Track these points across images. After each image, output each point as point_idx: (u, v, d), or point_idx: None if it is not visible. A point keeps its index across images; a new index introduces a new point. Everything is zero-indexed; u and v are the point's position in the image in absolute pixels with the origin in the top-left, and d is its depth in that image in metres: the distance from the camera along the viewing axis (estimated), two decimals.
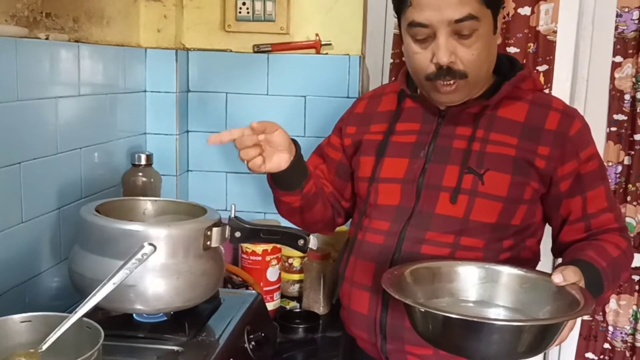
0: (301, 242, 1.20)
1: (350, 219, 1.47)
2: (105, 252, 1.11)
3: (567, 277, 1.08)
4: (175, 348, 1.13)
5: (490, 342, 0.96)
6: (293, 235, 1.21)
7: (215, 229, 1.17)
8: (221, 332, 1.21)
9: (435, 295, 1.15)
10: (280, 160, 1.25)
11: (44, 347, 0.92)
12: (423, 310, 0.99)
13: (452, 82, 1.23)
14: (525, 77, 1.30)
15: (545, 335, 0.99)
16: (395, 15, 1.31)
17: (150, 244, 1.06)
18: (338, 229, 1.82)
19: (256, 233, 1.21)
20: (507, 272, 1.16)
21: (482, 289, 1.17)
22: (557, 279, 1.08)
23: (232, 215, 1.21)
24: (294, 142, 1.29)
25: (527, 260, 1.32)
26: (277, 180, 1.32)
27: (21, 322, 0.98)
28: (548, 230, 1.36)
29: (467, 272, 1.17)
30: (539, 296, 1.12)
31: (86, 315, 0.98)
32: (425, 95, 1.32)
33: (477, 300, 1.16)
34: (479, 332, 0.95)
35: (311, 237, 1.20)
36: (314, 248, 1.21)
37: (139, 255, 1.04)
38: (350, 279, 1.36)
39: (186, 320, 1.18)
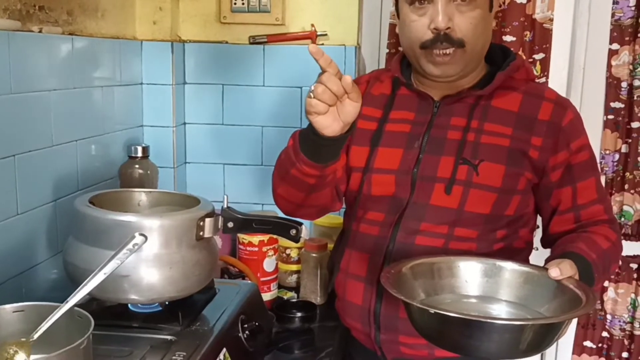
0: (293, 231, 1.20)
1: (344, 210, 1.45)
2: (98, 243, 1.12)
3: (564, 271, 1.08)
4: (169, 337, 1.14)
5: (491, 340, 0.95)
6: (285, 225, 1.21)
7: (207, 220, 1.18)
8: (215, 321, 1.21)
9: (436, 291, 1.14)
10: (336, 127, 1.14)
11: (35, 336, 0.92)
12: (430, 310, 0.96)
13: (448, 51, 1.22)
14: (519, 66, 1.30)
15: (547, 334, 0.98)
16: None
17: (142, 234, 1.06)
18: (334, 219, 1.83)
19: (249, 223, 1.22)
20: (508, 267, 1.15)
21: (484, 285, 1.16)
22: (554, 272, 1.08)
23: (225, 206, 1.22)
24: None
25: (520, 249, 1.33)
26: (308, 145, 1.20)
27: (13, 312, 0.99)
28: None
29: (468, 267, 1.16)
30: (539, 291, 1.11)
31: (82, 306, 0.98)
32: (419, 85, 1.32)
33: (479, 295, 1.15)
34: (481, 331, 0.95)
35: (303, 227, 1.20)
36: (306, 238, 1.22)
37: (130, 246, 1.04)
38: (345, 270, 1.36)
39: (180, 310, 1.18)
